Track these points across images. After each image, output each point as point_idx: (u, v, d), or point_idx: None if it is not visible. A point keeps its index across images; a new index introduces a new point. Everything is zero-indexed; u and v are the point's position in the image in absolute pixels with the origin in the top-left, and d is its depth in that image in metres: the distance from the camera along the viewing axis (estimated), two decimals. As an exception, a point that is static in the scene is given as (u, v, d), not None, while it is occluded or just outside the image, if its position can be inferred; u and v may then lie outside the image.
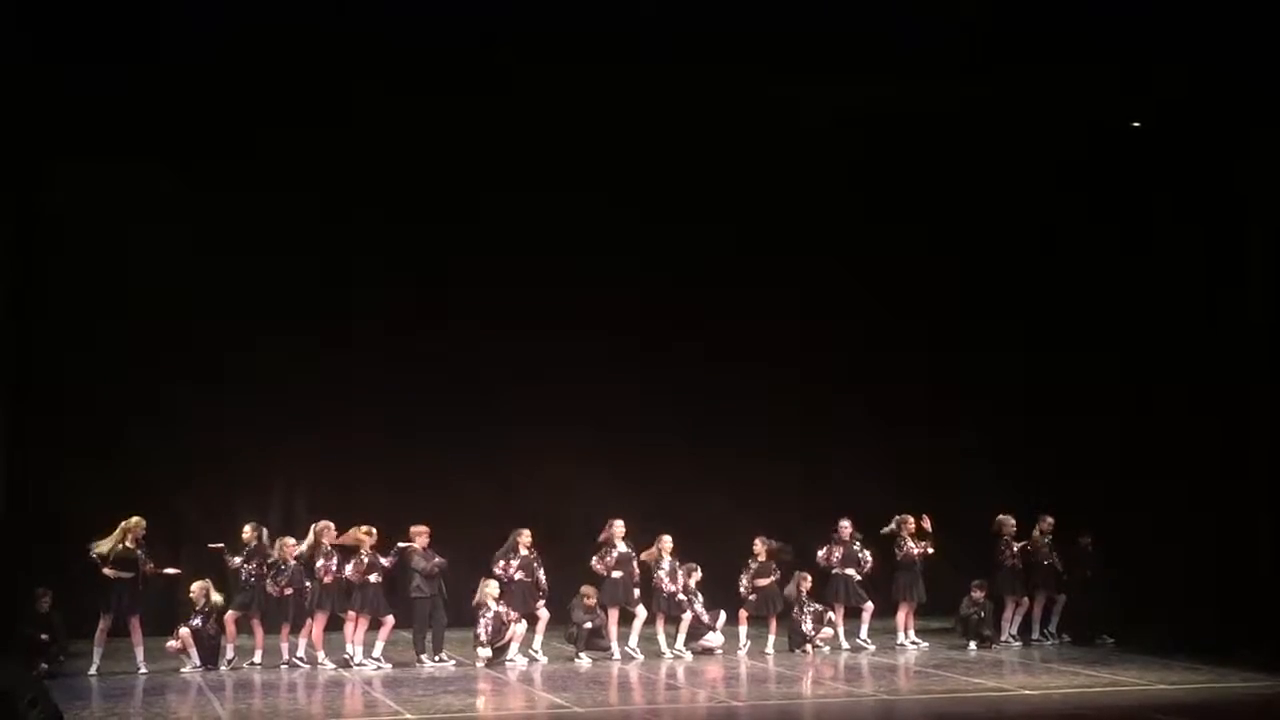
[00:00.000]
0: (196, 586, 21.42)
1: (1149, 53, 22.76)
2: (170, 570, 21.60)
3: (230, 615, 21.38)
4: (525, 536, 21.93)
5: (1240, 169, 23.76)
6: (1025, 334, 26.70)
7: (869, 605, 23.03)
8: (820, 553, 23.12)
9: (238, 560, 21.38)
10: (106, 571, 20.72)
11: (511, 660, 21.54)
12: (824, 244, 26.39)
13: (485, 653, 21.39)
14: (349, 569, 21.28)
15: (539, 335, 25.64)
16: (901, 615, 23.13)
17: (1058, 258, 26.55)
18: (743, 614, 22.74)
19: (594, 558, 22.14)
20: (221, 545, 21.64)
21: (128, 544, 20.83)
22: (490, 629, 21.47)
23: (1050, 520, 23.51)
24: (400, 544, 21.58)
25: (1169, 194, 24.98)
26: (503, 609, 21.54)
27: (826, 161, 25.99)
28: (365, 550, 21.31)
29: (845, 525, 23.18)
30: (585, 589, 22.37)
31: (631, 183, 25.62)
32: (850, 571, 22.98)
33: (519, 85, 23.75)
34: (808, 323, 26.46)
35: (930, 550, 23.04)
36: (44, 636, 20.81)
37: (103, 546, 20.75)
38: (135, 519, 20.97)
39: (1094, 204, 26.07)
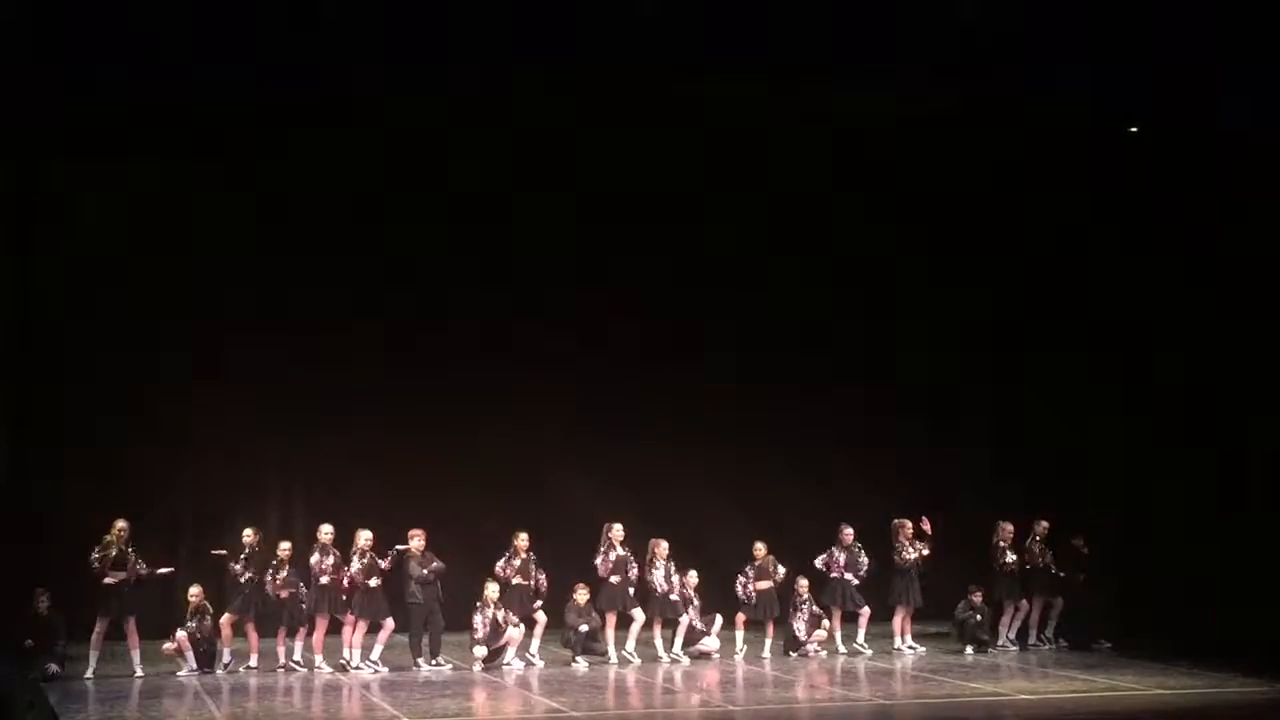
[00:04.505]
0: (194, 591, 21.42)
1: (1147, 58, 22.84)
2: (163, 570, 21.59)
3: (226, 619, 21.37)
4: (523, 540, 21.93)
5: (1237, 170, 23.82)
6: (1025, 335, 26.67)
7: (866, 610, 22.95)
8: (820, 557, 23.07)
9: (238, 566, 21.32)
10: (107, 580, 20.72)
11: (508, 664, 21.51)
12: (824, 245, 26.39)
13: (480, 651, 21.35)
14: (353, 571, 21.23)
15: (538, 336, 25.66)
16: (898, 620, 23.06)
17: (1058, 258, 26.51)
18: (740, 618, 22.70)
19: (598, 558, 22.10)
20: (224, 551, 21.61)
21: (119, 547, 20.81)
22: (487, 629, 21.44)
23: (1045, 524, 23.47)
24: (397, 546, 21.55)
25: (1169, 195, 25.00)
26: (499, 614, 21.51)
27: (827, 162, 26.03)
28: (364, 551, 21.27)
29: (847, 531, 23.12)
30: (577, 589, 22.29)
31: (630, 183, 25.64)
32: (849, 576, 22.93)
33: (518, 87, 23.79)
34: (807, 323, 26.44)
35: (927, 554, 22.97)
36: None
37: (98, 553, 20.79)
38: (118, 523, 20.95)
39: (1096, 205, 26.10)
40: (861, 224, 26.40)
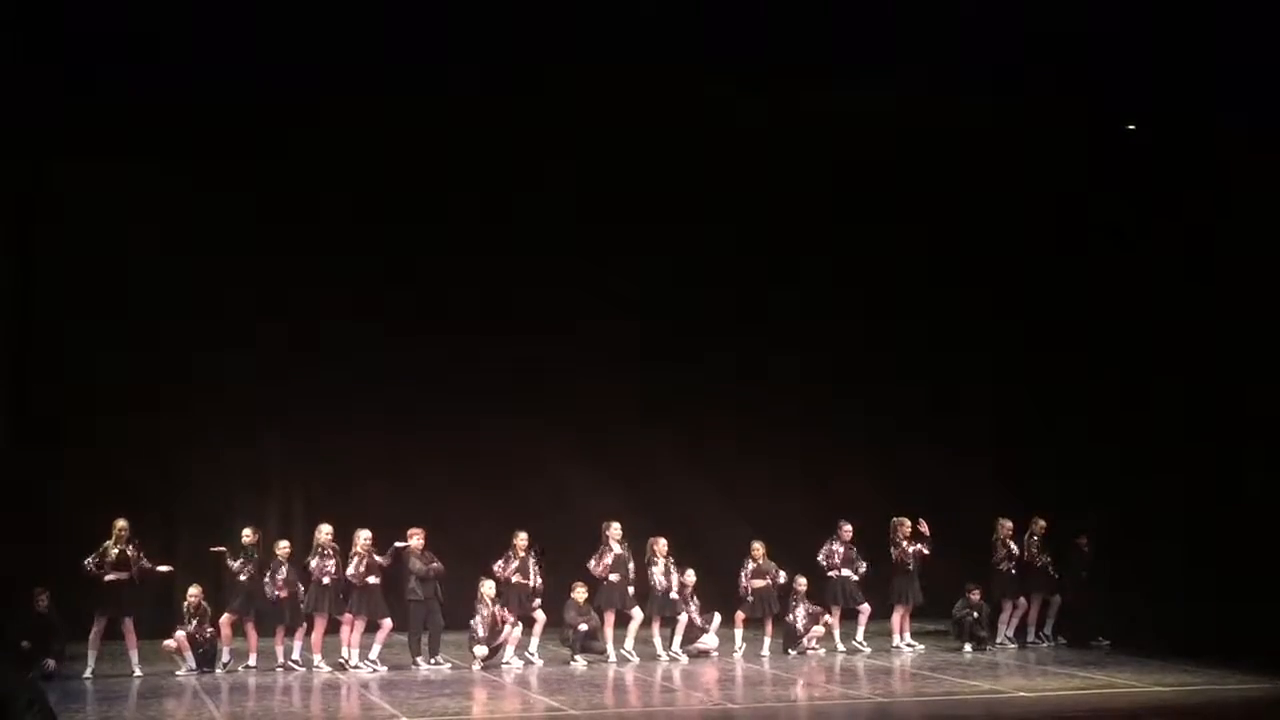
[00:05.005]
0: (193, 592, 21.44)
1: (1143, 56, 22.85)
2: (163, 567, 21.60)
3: (225, 618, 21.38)
4: (521, 539, 21.93)
5: (1237, 168, 23.84)
6: (1025, 335, 26.69)
7: (866, 607, 22.95)
8: (820, 554, 23.07)
9: (237, 564, 21.33)
10: (109, 579, 20.73)
11: (507, 663, 21.50)
12: (823, 244, 26.37)
13: (480, 651, 21.36)
14: (350, 570, 21.24)
15: (537, 336, 25.63)
16: (897, 618, 23.07)
17: (1057, 258, 26.53)
18: (739, 616, 22.71)
19: (591, 560, 22.11)
20: (224, 549, 21.62)
21: (120, 546, 20.83)
22: (486, 628, 21.45)
23: (1043, 523, 23.46)
24: (396, 543, 21.55)
25: (1168, 194, 25.00)
26: (498, 610, 21.52)
27: (827, 162, 26.01)
28: (363, 550, 21.27)
29: (846, 527, 23.12)
30: (575, 587, 22.33)
31: (630, 183, 25.65)
32: (848, 573, 22.93)
33: (518, 87, 23.83)
34: (807, 323, 26.41)
35: (925, 553, 22.97)
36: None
37: (95, 555, 20.81)
38: (119, 521, 20.95)
39: (1096, 205, 26.10)
40: (861, 224, 26.39)
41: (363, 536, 21.32)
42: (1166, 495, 24.43)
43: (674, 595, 22.21)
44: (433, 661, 21.50)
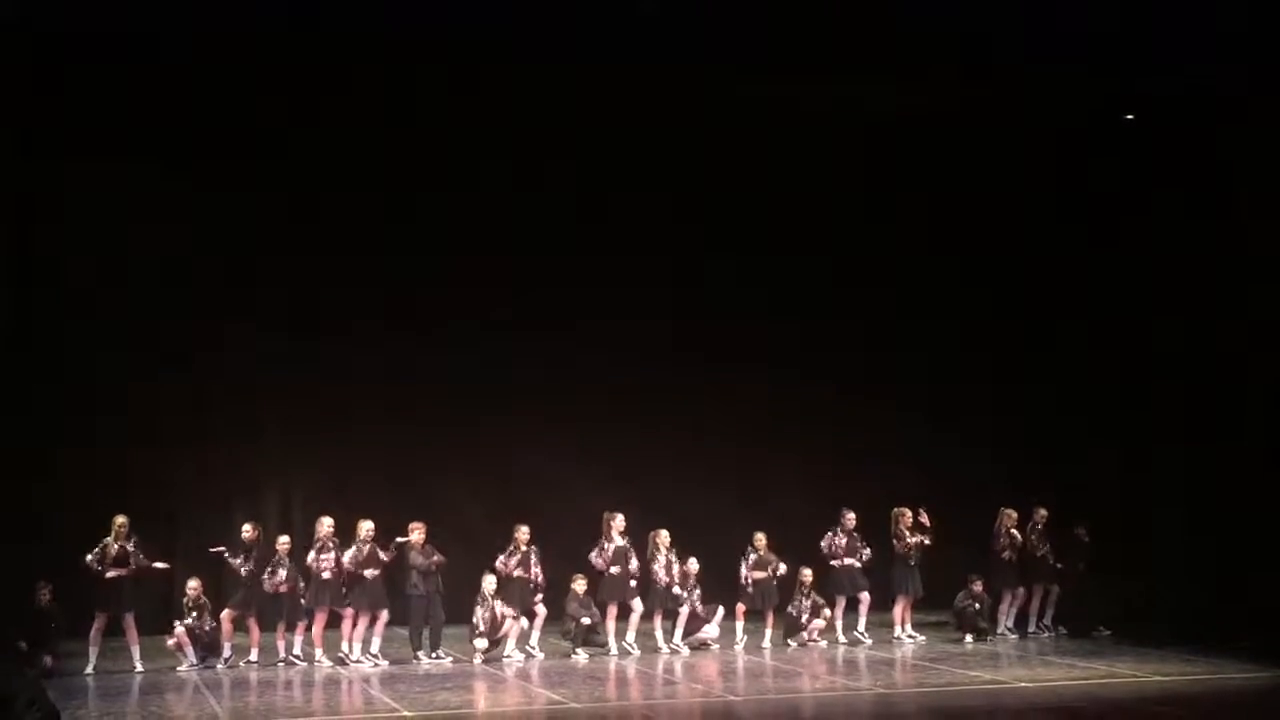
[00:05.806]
0: (192, 585, 21.43)
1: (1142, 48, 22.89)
2: (160, 564, 21.57)
3: (226, 613, 21.38)
4: (523, 532, 21.91)
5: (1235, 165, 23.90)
6: (1024, 332, 26.73)
7: (865, 596, 22.95)
8: (823, 543, 23.07)
9: (237, 562, 21.33)
10: (109, 575, 20.73)
11: (508, 656, 21.50)
12: (823, 244, 26.37)
13: (481, 644, 21.37)
14: (347, 558, 21.23)
15: (538, 333, 25.60)
16: (898, 609, 23.07)
17: (1056, 255, 26.55)
18: (740, 608, 22.70)
19: (593, 551, 22.10)
20: (223, 549, 21.61)
21: (119, 543, 20.83)
22: (487, 622, 21.43)
23: (1044, 512, 23.50)
24: (398, 539, 21.54)
25: (1169, 190, 25.04)
26: (498, 603, 21.50)
27: (826, 160, 26.00)
28: (365, 542, 21.27)
29: (849, 516, 23.13)
30: (576, 580, 22.33)
31: (631, 183, 25.64)
32: (852, 561, 22.93)
33: (521, 86, 23.87)
34: (808, 322, 26.39)
35: (927, 543, 22.95)
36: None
37: (97, 551, 20.81)
38: (118, 518, 20.96)
39: (1094, 200, 26.11)
40: (861, 223, 26.42)
41: (365, 527, 21.38)
42: (1167, 487, 24.45)
43: (676, 588, 22.21)
44: (434, 655, 21.48)
